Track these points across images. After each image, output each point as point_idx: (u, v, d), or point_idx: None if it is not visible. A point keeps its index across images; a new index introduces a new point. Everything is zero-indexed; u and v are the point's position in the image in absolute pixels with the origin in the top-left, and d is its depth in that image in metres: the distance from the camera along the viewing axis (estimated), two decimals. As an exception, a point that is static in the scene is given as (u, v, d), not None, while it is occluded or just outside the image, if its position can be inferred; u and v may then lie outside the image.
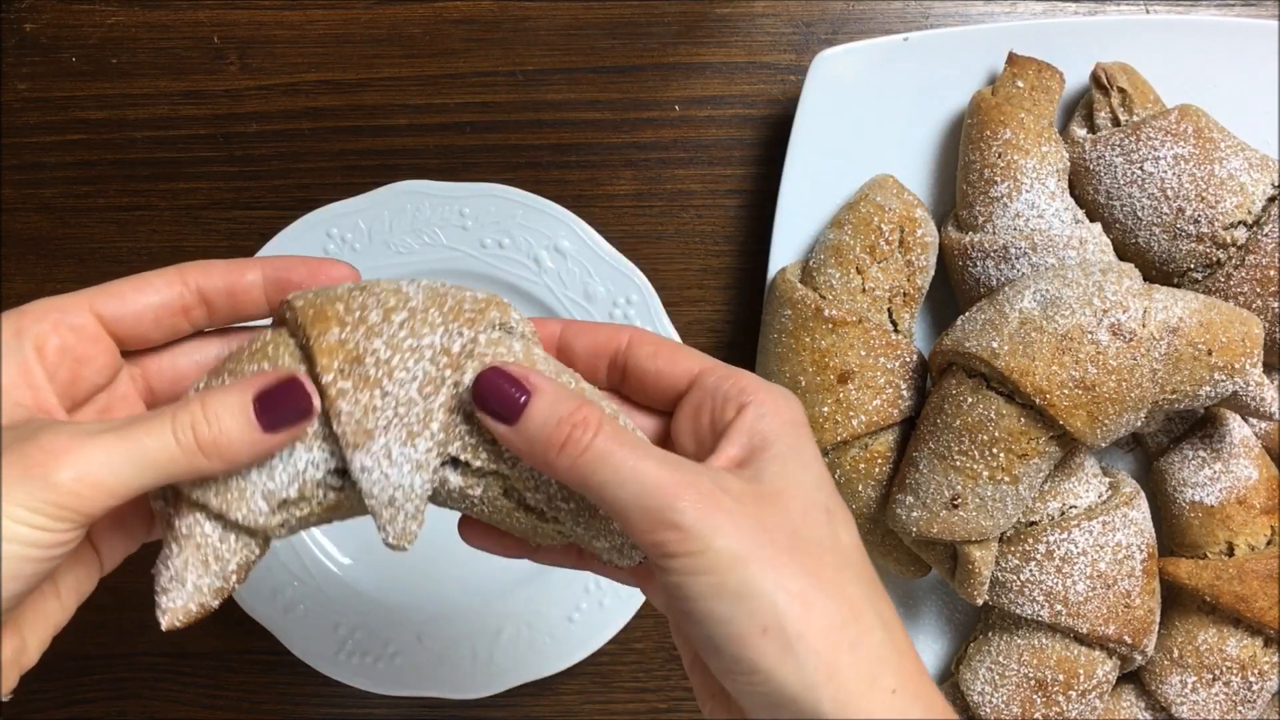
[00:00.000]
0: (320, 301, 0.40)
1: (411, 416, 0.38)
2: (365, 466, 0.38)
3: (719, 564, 0.35)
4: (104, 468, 0.34)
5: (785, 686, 0.35)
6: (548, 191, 0.71)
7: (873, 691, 0.35)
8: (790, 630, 0.35)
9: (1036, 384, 0.58)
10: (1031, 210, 0.64)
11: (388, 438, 0.38)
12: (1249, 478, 0.65)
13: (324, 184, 0.73)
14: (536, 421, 0.37)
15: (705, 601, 0.35)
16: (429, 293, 0.40)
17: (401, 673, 0.71)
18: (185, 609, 0.39)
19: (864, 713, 0.35)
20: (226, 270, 0.42)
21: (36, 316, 0.39)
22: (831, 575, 0.36)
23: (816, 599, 0.35)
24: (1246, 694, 0.64)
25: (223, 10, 0.73)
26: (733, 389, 0.40)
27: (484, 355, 0.40)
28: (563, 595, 0.71)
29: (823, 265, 0.66)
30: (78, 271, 0.74)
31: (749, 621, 0.35)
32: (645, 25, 0.73)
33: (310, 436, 0.39)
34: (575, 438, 0.36)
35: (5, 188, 0.74)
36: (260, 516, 0.39)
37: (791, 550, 0.36)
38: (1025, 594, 0.63)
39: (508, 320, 0.41)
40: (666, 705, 0.74)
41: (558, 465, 0.37)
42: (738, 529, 0.35)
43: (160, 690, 0.74)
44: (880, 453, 0.66)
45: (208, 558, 0.39)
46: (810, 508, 0.37)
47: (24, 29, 0.73)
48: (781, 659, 0.35)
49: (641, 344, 0.42)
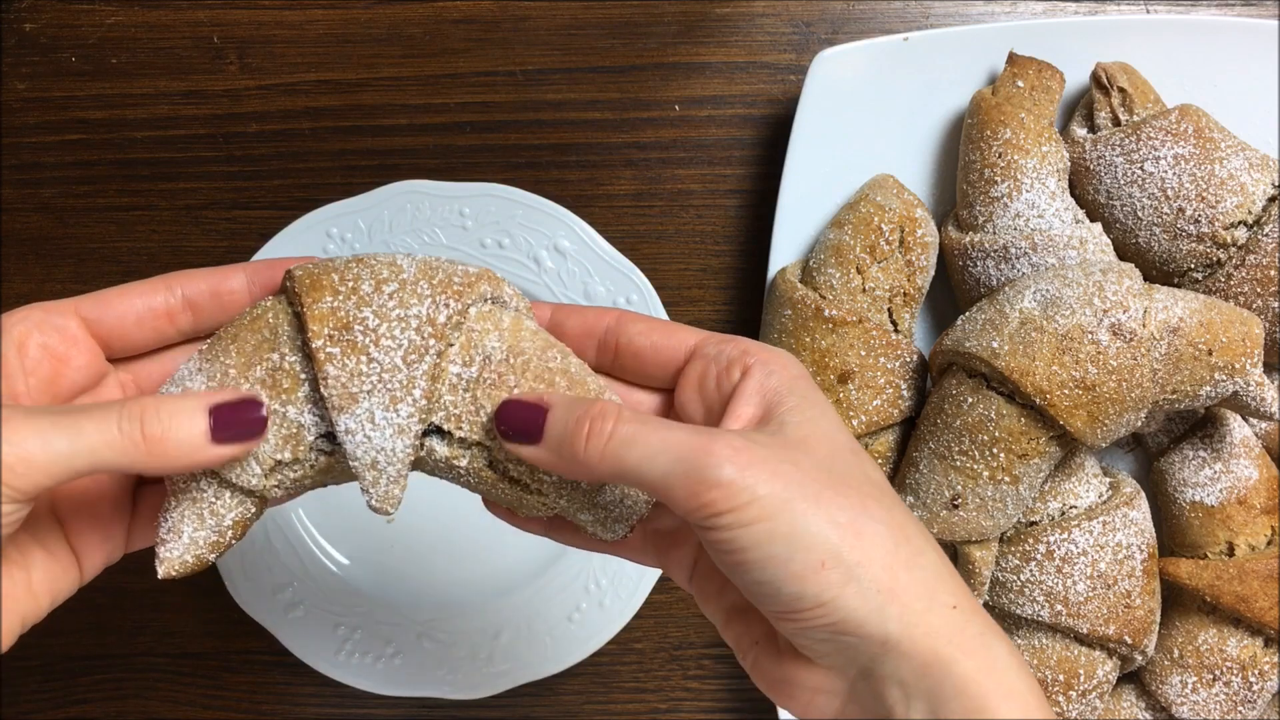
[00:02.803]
0: (318, 272, 0.41)
1: (395, 382, 0.39)
2: (349, 429, 0.39)
3: (767, 510, 0.36)
4: (39, 446, 0.35)
5: (853, 612, 0.36)
6: (548, 191, 0.71)
7: (933, 607, 0.37)
8: (848, 559, 0.36)
9: (1037, 384, 0.58)
10: (1032, 210, 0.64)
11: (371, 402, 0.39)
12: (1249, 478, 0.65)
13: (324, 184, 0.73)
14: (557, 427, 0.38)
15: (761, 548, 0.36)
16: (422, 266, 0.41)
17: (401, 673, 0.71)
18: (181, 560, 0.41)
19: (929, 627, 0.36)
20: (210, 275, 0.43)
21: (21, 317, 0.41)
22: (874, 504, 0.37)
23: (866, 526, 0.37)
24: (1247, 694, 0.64)
25: (223, 10, 0.73)
26: (735, 352, 0.41)
27: (472, 329, 0.41)
28: (563, 595, 0.71)
29: (823, 265, 0.66)
30: (77, 271, 0.74)
31: (807, 557, 0.36)
32: (645, 25, 0.73)
33: (301, 400, 0.40)
34: (598, 429, 0.37)
35: (5, 188, 0.74)
36: (254, 478, 0.40)
37: (833, 486, 0.37)
38: (1025, 594, 0.63)
39: (500, 293, 0.42)
40: (667, 705, 0.74)
41: (588, 459, 0.37)
42: (776, 475, 0.36)
43: (160, 690, 0.74)
44: (880, 453, 0.66)
45: (203, 512, 0.41)
46: (837, 449, 0.39)
47: (24, 29, 0.73)
48: (844, 587, 0.36)
49: (633, 322, 0.44)
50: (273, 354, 0.40)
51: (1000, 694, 0.36)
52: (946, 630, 0.36)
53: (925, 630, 0.36)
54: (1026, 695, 0.36)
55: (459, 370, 0.41)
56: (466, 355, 0.41)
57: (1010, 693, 0.36)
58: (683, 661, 0.74)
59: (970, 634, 0.37)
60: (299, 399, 0.40)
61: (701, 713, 0.74)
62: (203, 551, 0.41)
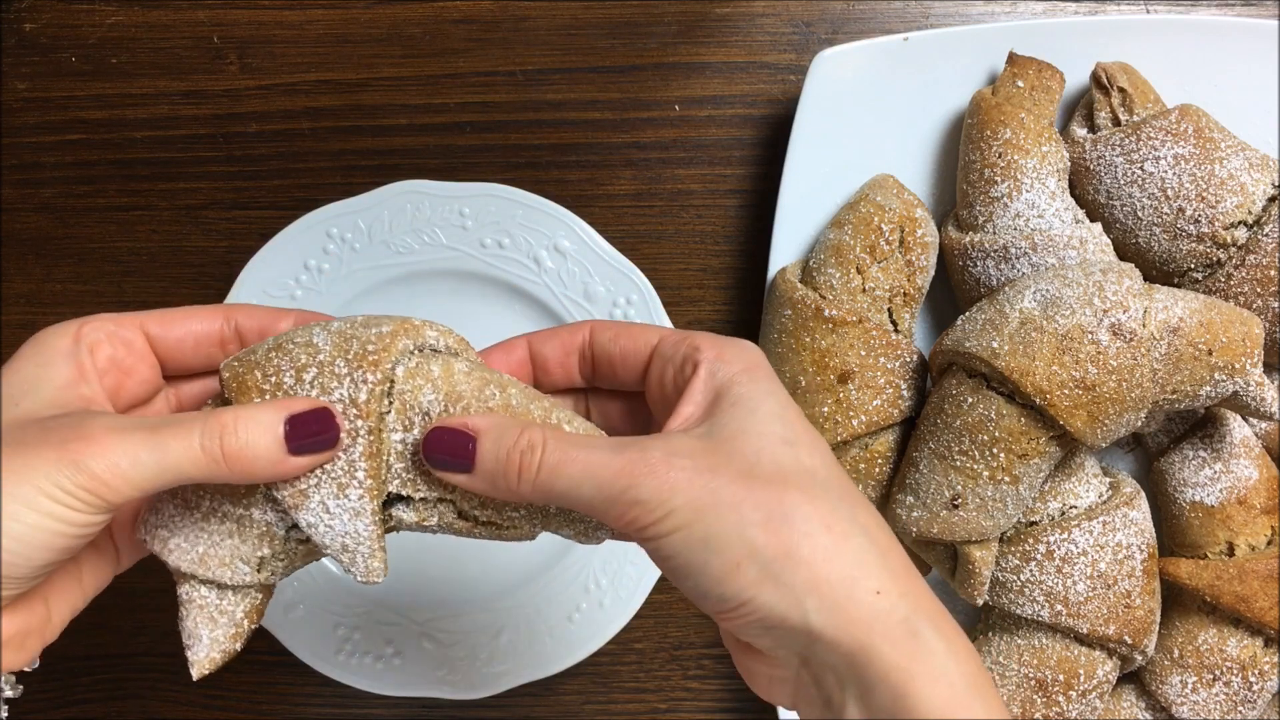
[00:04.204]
0: (242, 371, 0.41)
1: (337, 470, 0.40)
2: (310, 523, 0.40)
3: (683, 519, 0.37)
4: (130, 462, 0.37)
5: (773, 607, 0.37)
6: (548, 191, 0.71)
7: (855, 593, 0.37)
8: (764, 555, 0.37)
9: (1037, 384, 0.58)
10: (1032, 210, 0.64)
11: (321, 494, 0.40)
12: (1249, 478, 0.65)
13: (324, 184, 0.73)
14: (489, 461, 0.39)
15: (681, 555, 0.37)
16: (337, 340, 0.41)
17: (401, 673, 0.71)
18: (209, 658, 0.43)
19: (849, 616, 0.36)
20: (265, 314, 0.45)
21: (94, 326, 0.43)
22: (796, 496, 0.38)
23: (782, 521, 0.37)
24: (1247, 694, 0.64)
25: (222, 10, 0.73)
26: (687, 348, 0.42)
27: (403, 391, 0.41)
28: (563, 595, 0.71)
29: (823, 265, 0.66)
30: (77, 271, 0.74)
31: (723, 559, 0.37)
32: (645, 25, 0.73)
33: (261, 501, 0.41)
34: (527, 463, 0.39)
35: (5, 188, 0.74)
36: (246, 575, 0.42)
37: (750, 484, 0.37)
38: (1025, 594, 0.63)
39: (423, 340, 0.43)
40: (666, 705, 0.74)
41: (521, 492, 0.39)
42: (691, 484, 0.37)
43: (160, 690, 0.74)
44: (880, 453, 0.66)
45: (213, 616, 0.43)
46: (766, 441, 0.39)
47: (24, 29, 0.73)
48: (761, 584, 0.37)
49: (601, 331, 0.45)
50: None
51: (926, 677, 0.36)
52: (867, 618, 0.37)
53: (847, 619, 0.36)
54: (954, 675, 0.36)
55: (401, 436, 0.41)
56: (405, 419, 0.41)
57: (938, 675, 0.36)
58: (683, 661, 0.74)
59: (894, 621, 0.37)
60: (259, 500, 0.41)
61: (701, 713, 0.74)
62: (227, 645, 0.43)
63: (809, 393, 0.64)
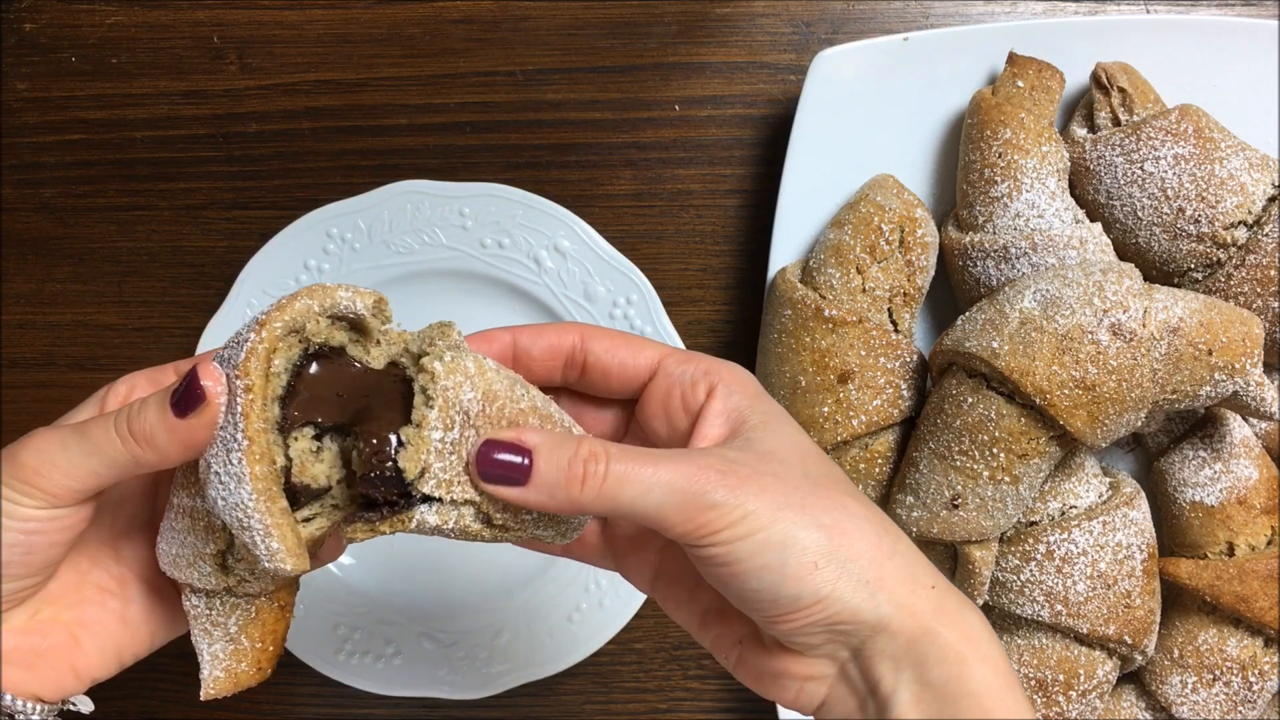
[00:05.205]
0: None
1: (226, 435, 0.39)
2: (212, 499, 0.39)
3: (760, 522, 0.39)
4: (59, 448, 0.39)
5: (850, 603, 0.39)
6: (548, 191, 0.71)
7: (916, 588, 0.40)
8: (839, 555, 0.39)
9: (1037, 384, 0.58)
10: (1032, 210, 0.64)
11: (216, 464, 0.39)
12: (1249, 478, 0.65)
13: (324, 184, 0.73)
14: (549, 474, 0.40)
15: (755, 558, 0.39)
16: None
17: (401, 673, 0.71)
18: (214, 677, 0.44)
19: (914, 606, 0.40)
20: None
21: (125, 378, 0.45)
22: (852, 502, 0.41)
23: (849, 524, 0.40)
24: (1246, 694, 0.64)
25: (222, 10, 0.73)
26: (698, 372, 0.44)
27: (446, 389, 0.39)
28: (563, 595, 0.71)
29: (823, 265, 0.66)
30: (77, 271, 0.74)
31: (801, 560, 0.39)
32: (645, 25, 0.73)
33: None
34: (591, 471, 0.39)
35: (5, 188, 0.74)
36: (210, 576, 0.42)
37: (813, 490, 0.40)
38: (1025, 594, 0.63)
39: (333, 301, 0.42)
40: (666, 705, 0.74)
41: (582, 502, 0.40)
42: (762, 489, 0.39)
43: (160, 690, 0.74)
44: (880, 453, 0.66)
45: (206, 627, 0.44)
46: (806, 454, 0.42)
47: (24, 29, 0.73)
48: (838, 582, 0.39)
49: (598, 339, 0.45)
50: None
51: (977, 659, 0.40)
52: (929, 607, 0.40)
53: (911, 610, 0.40)
54: (998, 661, 0.40)
55: (441, 435, 0.39)
56: (447, 418, 0.39)
57: (985, 658, 0.40)
58: (683, 661, 0.74)
59: (949, 608, 0.41)
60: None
61: (701, 713, 0.74)
62: (230, 663, 0.44)
63: (809, 393, 0.64)
